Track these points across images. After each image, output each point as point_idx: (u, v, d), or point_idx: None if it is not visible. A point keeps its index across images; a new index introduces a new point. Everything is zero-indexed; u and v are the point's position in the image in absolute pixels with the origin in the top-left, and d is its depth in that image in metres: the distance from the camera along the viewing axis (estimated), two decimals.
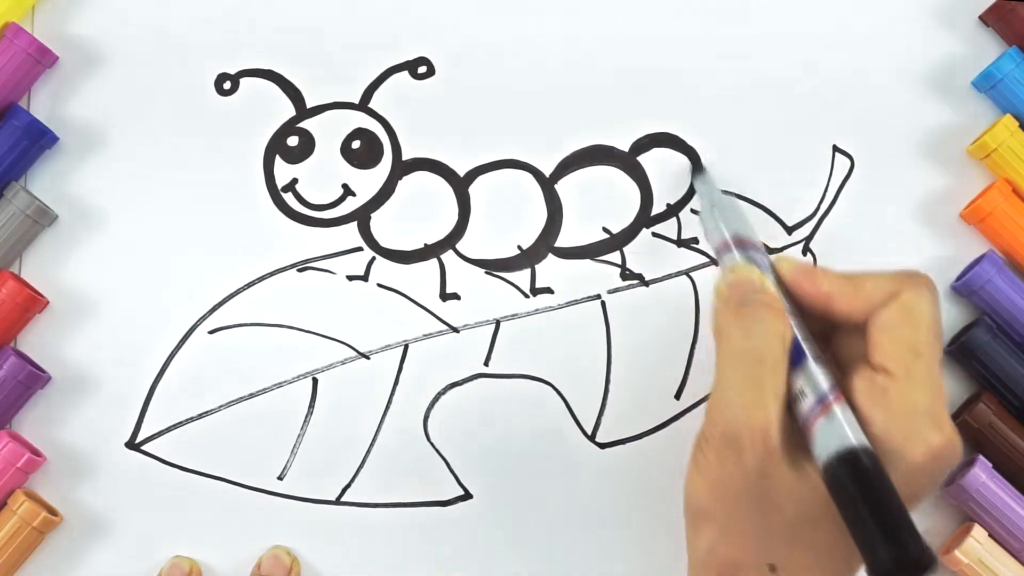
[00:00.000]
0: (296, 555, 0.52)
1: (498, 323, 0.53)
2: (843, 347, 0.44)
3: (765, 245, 0.50)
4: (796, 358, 0.42)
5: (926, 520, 0.53)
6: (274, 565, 0.51)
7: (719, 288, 0.44)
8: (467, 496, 0.52)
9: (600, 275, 0.53)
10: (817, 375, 0.41)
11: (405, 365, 0.52)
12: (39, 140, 0.51)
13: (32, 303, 0.51)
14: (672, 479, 0.52)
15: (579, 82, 0.53)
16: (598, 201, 0.53)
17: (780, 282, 0.44)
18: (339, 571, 0.52)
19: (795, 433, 0.41)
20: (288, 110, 0.52)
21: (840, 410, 0.40)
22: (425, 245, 0.52)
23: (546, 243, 0.53)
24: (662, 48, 0.53)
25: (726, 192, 0.53)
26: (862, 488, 0.37)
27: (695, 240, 0.53)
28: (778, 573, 0.40)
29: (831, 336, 0.44)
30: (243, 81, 0.52)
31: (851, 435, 0.39)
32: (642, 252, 0.53)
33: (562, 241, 0.53)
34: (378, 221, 0.52)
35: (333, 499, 0.52)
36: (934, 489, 0.41)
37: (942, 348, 0.42)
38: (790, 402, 0.41)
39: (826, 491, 0.39)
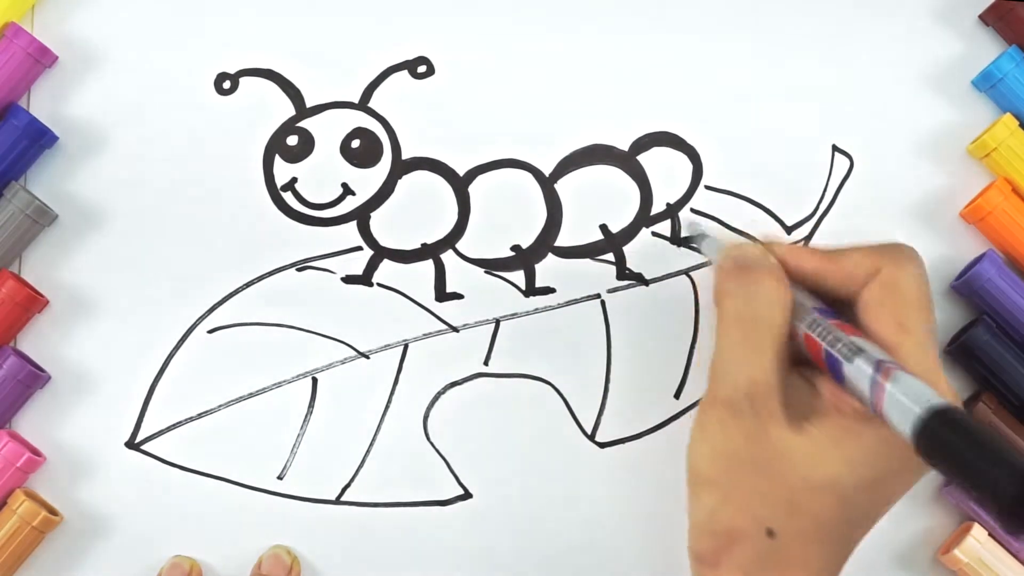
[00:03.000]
0: (296, 554, 0.52)
1: (498, 322, 0.53)
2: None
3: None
4: (823, 322, 0.41)
5: (926, 520, 0.53)
6: (274, 564, 0.51)
7: (722, 261, 0.44)
8: (467, 496, 0.52)
9: (600, 274, 0.53)
10: (860, 341, 0.40)
11: (405, 365, 0.52)
12: (39, 140, 0.51)
13: (32, 303, 0.51)
14: (672, 478, 0.52)
15: (579, 82, 0.53)
16: (598, 201, 0.53)
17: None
18: (339, 571, 0.52)
19: (798, 396, 0.41)
20: (288, 109, 0.52)
21: (902, 373, 0.38)
22: (424, 244, 0.52)
23: (546, 242, 0.53)
24: (662, 48, 0.53)
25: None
26: (965, 437, 0.35)
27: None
28: (776, 538, 0.40)
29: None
30: (243, 81, 0.52)
31: (932, 393, 0.37)
32: (642, 252, 0.53)
33: (562, 240, 0.53)
34: (378, 220, 0.52)
35: (333, 499, 0.52)
36: None
37: (933, 317, 0.42)
38: (795, 364, 0.41)
39: (827, 455, 0.38)
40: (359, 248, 0.52)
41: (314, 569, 0.52)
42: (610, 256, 0.53)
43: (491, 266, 0.53)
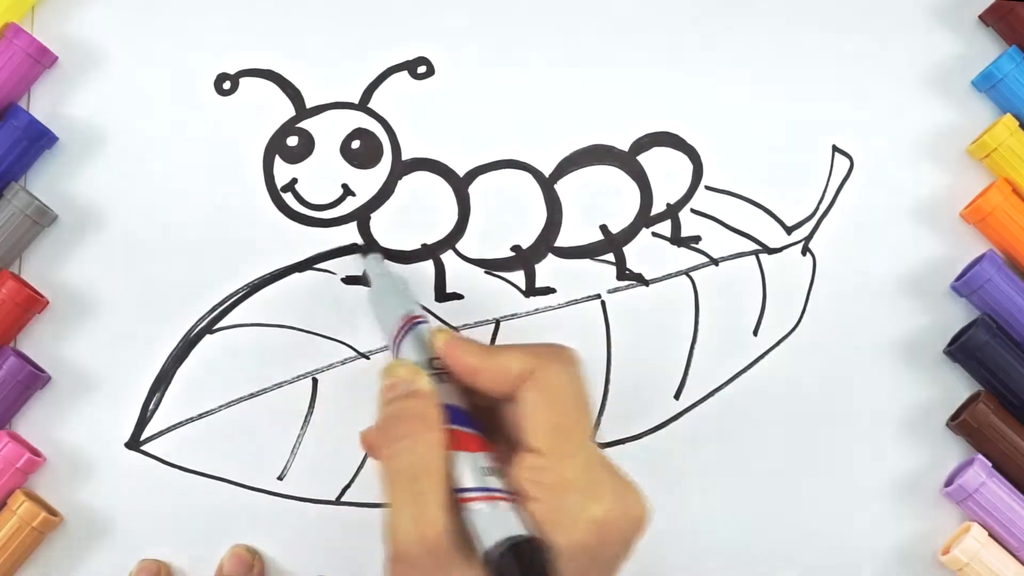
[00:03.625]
0: (259, 551, 0.51)
1: (498, 323, 0.53)
2: (510, 420, 0.42)
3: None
4: (458, 449, 0.41)
5: (926, 520, 0.53)
6: (236, 564, 0.51)
7: (377, 419, 0.43)
8: None
9: (600, 275, 0.53)
10: (473, 470, 0.40)
11: None
12: (39, 140, 0.51)
13: (32, 303, 0.51)
14: (672, 478, 0.53)
15: (579, 82, 0.53)
16: (598, 201, 0.53)
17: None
18: (339, 571, 0.52)
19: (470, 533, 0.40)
20: (288, 110, 0.52)
21: (489, 505, 0.39)
22: (424, 245, 0.52)
23: (546, 243, 0.53)
24: (662, 48, 0.53)
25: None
26: (526, 573, 0.37)
27: (695, 239, 0.53)
28: None
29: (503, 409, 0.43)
30: (243, 81, 0.52)
31: (509, 524, 0.38)
32: (642, 252, 0.53)
33: (562, 241, 0.53)
34: (378, 221, 0.52)
35: (333, 499, 0.52)
36: (622, 561, 0.41)
37: (592, 419, 0.42)
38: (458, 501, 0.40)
39: None
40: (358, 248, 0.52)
41: (314, 569, 0.52)
42: (610, 256, 0.53)
43: (491, 266, 0.53)
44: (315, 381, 0.52)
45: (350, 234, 0.52)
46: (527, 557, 0.38)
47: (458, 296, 0.52)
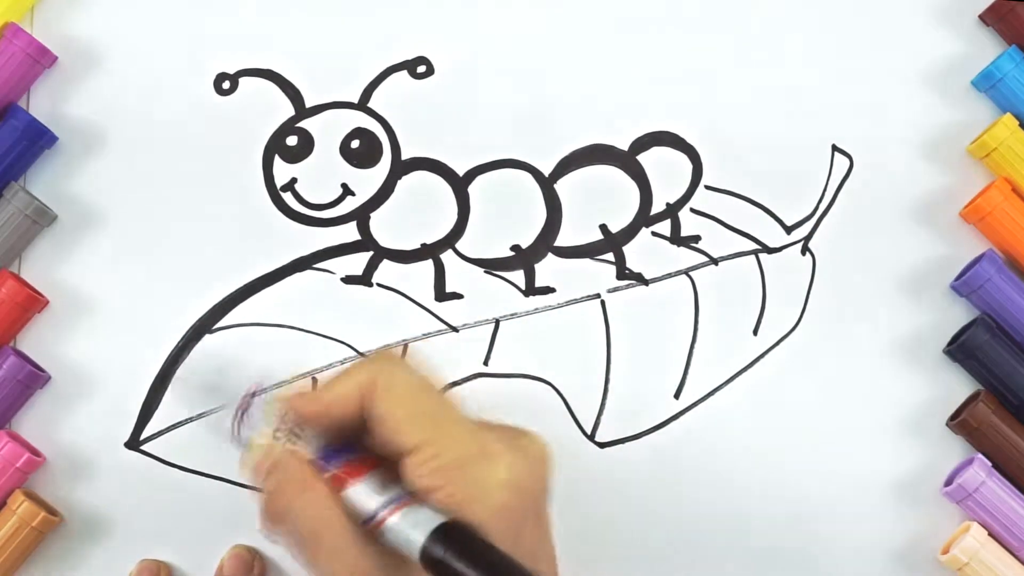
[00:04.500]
0: (259, 551, 0.51)
1: (497, 322, 0.53)
2: (380, 436, 0.41)
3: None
4: (346, 486, 0.40)
5: (926, 520, 0.53)
6: (237, 564, 0.51)
7: (259, 484, 0.42)
8: None
9: (599, 274, 0.53)
10: (369, 494, 0.39)
11: None
12: (38, 140, 0.51)
13: (32, 303, 0.51)
14: (672, 479, 0.53)
15: (579, 82, 0.53)
16: (597, 200, 0.53)
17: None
18: None
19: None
20: (287, 110, 0.52)
21: (399, 514, 0.38)
22: (424, 244, 0.52)
23: (545, 242, 0.53)
24: (662, 48, 0.53)
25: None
26: (464, 553, 0.37)
27: (695, 239, 0.53)
28: None
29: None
30: (242, 81, 0.52)
31: (426, 519, 0.38)
32: (641, 251, 0.53)
33: (561, 240, 0.53)
34: (377, 221, 0.52)
35: None
36: (547, 496, 0.42)
37: (446, 393, 0.42)
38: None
39: None
40: (359, 248, 0.52)
41: None
42: (610, 256, 0.53)
43: (491, 266, 0.53)
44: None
45: (350, 233, 0.52)
46: (458, 536, 0.37)
47: (458, 296, 0.52)
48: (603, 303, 0.53)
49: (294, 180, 0.52)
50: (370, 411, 0.40)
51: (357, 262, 0.52)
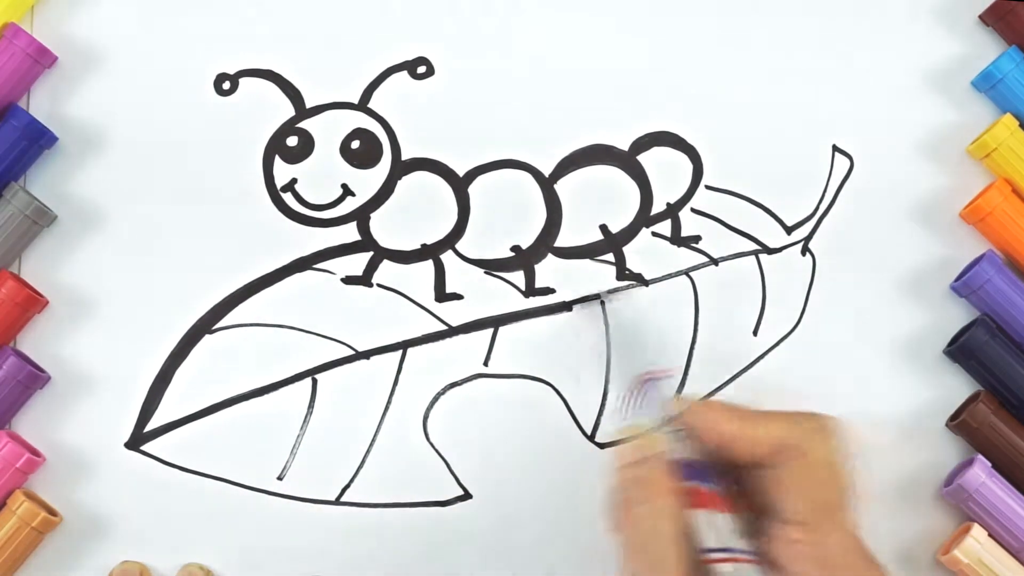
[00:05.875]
0: (209, 569, 0.51)
1: (497, 323, 0.52)
2: (761, 484, 0.42)
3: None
4: (700, 508, 0.40)
5: (926, 520, 0.53)
6: None
7: (617, 468, 0.42)
8: (466, 496, 0.52)
9: (599, 275, 0.53)
10: (717, 530, 0.40)
11: (405, 365, 0.52)
12: (38, 140, 0.51)
13: (31, 303, 0.51)
14: None
15: (579, 82, 0.53)
16: (598, 201, 0.53)
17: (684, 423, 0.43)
18: (339, 571, 0.52)
19: None
20: (287, 110, 0.52)
21: (735, 567, 0.39)
22: (424, 245, 0.52)
23: (545, 243, 0.53)
24: (662, 48, 0.53)
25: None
26: None
27: (695, 239, 0.53)
28: None
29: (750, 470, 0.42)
30: (242, 81, 0.52)
31: None
32: (642, 252, 0.53)
33: (561, 241, 0.53)
34: (377, 221, 0.52)
35: (333, 499, 0.52)
36: None
37: (847, 492, 0.41)
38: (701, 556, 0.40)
39: None
40: (359, 249, 0.52)
41: (314, 569, 0.52)
42: (610, 256, 0.53)
43: (491, 267, 0.53)
44: (315, 381, 0.52)
45: (350, 234, 0.52)
46: None
47: (458, 296, 0.52)
48: (603, 303, 0.53)
49: (294, 180, 0.52)
50: (776, 469, 0.40)
51: (357, 262, 0.52)
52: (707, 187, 0.53)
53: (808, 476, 0.40)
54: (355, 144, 0.52)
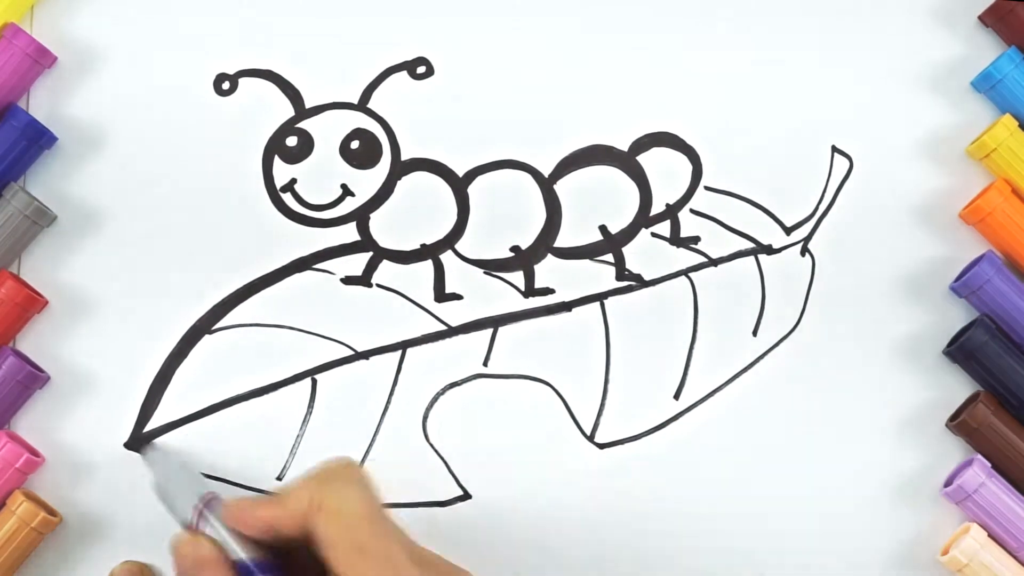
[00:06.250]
0: (150, 566, 0.51)
1: (497, 323, 0.52)
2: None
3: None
4: None
5: (926, 521, 0.53)
6: None
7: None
8: (466, 496, 0.52)
9: (599, 275, 0.53)
10: None
11: (404, 365, 0.52)
12: (38, 140, 0.51)
13: (31, 303, 0.51)
14: (671, 479, 0.53)
15: (579, 82, 0.53)
16: (597, 201, 0.53)
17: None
18: None
19: None
20: (287, 110, 0.52)
21: None
22: (424, 245, 0.52)
23: (545, 243, 0.53)
24: (662, 48, 0.53)
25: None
26: None
27: (694, 240, 0.53)
28: None
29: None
30: (242, 81, 0.52)
31: None
32: (641, 252, 0.53)
33: (561, 241, 0.53)
34: (377, 221, 0.52)
35: None
36: None
37: (390, 528, 0.42)
38: None
39: None
40: (359, 249, 0.52)
41: None
42: (610, 257, 0.53)
43: (490, 267, 0.53)
44: (314, 381, 0.52)
45: (350, 234, 0.52)
46: None
47: (457, 296, 0.52)
48: (603, 304, 0.53)
49: (294, 181, 0.52)
50: (314, 532, 0.41)
51: (357, 262, 0.52)
52: (706, 188, 0.53)
53: (337, 526, 0.41)
54: (355, 144, 0.52)
